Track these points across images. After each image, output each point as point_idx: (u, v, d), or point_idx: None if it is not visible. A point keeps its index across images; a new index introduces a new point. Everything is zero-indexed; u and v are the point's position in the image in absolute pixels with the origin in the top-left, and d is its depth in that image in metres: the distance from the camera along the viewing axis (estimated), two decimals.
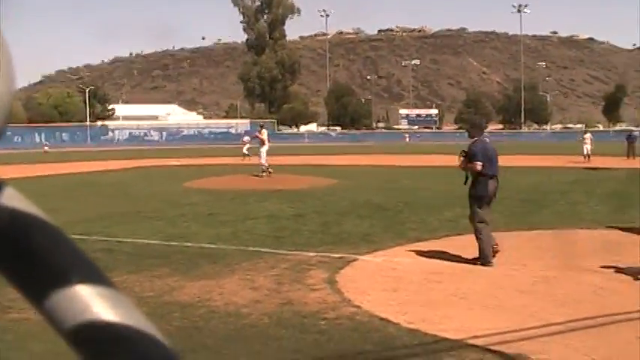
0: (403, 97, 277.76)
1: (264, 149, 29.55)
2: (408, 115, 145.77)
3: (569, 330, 6.82)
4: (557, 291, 8.61)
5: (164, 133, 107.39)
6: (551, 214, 16.28)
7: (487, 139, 11.31)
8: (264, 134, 30.55)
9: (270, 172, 29.00)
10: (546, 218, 15.52)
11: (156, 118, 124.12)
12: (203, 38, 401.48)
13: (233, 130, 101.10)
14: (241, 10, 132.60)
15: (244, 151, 41.35)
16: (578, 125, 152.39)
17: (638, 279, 9.18)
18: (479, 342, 6.43)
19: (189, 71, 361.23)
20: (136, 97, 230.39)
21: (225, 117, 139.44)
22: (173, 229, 14.00)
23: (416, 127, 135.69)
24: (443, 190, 22.78)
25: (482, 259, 10.21)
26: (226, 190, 22.80)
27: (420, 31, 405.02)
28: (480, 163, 10.43)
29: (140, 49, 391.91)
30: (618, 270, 9.76)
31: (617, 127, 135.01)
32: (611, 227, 13.80)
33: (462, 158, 10.74)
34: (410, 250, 11.46)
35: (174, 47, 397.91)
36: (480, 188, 10.57)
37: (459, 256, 10.75)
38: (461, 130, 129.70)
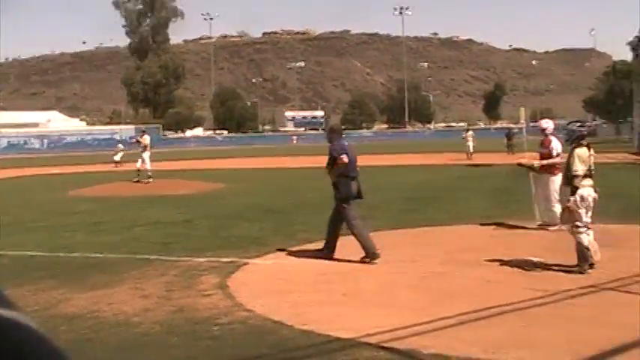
0: (289, 100, 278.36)
1: (147, 155, 29.10)
2: (294, 118, 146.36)
3: (459, 323, 7.00)
4: (445, 285, 8.81)
5: (45, 141, 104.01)
6: (437, 210, 16.67)
7: (346, 143, 11.55)
8: (147, 140, 30.10)
9: (149, 179, 28.63)
10: (433, 215, 15.87)
11: (36, 125, 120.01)
12: (84, 42, 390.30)
13: (117, 137, 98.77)
14: (123, 13, 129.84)
15: (115, 158, 40.86)
16: (461, 123, 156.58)
17: (526, 270, 9.53)
18: (372, 340, 6.51)
19: (70, 76, 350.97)
20: (14, 104, 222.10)
21: (109, 123, 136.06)
22: (58, 240, 13.60)
23: (302, 128, 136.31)
24: (331, 190, 22.96)
25: (368, 254, 10.39)
26: (112, 198, 22.33)
27: (304, 33, 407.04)
28: (345, 156, 10.68)
29: (17, 54, 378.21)
30: (504, 263, 10.09)
31: (498, 125, 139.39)
32: (497, 224, 14.22)
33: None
34: (300, 252, 11.51)
35: (53, 51, 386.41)
36: (343, 189, 10.86)
37: (349, 256, 10.86)
38: (347, 131, 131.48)
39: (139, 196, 22.44)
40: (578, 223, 9.22)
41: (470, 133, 45.64)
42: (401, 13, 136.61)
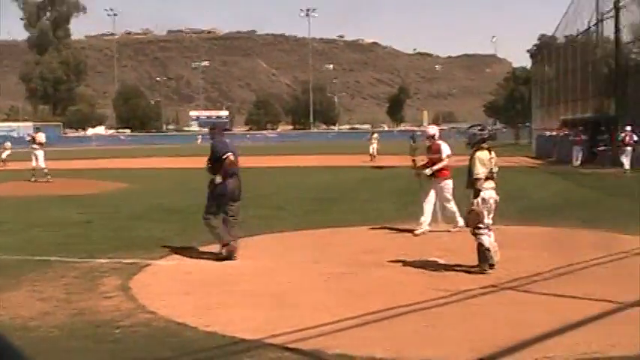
0: (193, 99, 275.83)
1: (41, 153, 28.42)
2: (198, 117, 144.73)
3: (363, 323, 7.07)
4: (349, 286, 8.88)
5: None
6: (342, 212, 16.80)
7: (227, 140, 11.98)
8: (41, 137, 29.44)
9: (47, 177, 28.08)
10: (337, 216, 15.98)
11: None
12: None
13: (15, 134, 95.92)
14: (21, 5, 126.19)
15: (2, 156, 39.91)
16: (365, 125, 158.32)
17: (429, 270, 9.69)
18: (276, 341, 6.51)
19: None
20: None
21: (6, 120, 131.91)
22: None
23: (206, 128, 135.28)
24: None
25: (226, 251, 10.73)
26: (8, 197, 21.66)
27: (209, 32, 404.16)
28: (231, 154, 11.04)
29: None
30: (406, 263, 10.24)
31: (402, 127, 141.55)
32: (399, 225, 14.41)
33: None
34: (204, 253, 11.40)
35: None
36: (219, 187, 11.00)
37: (253, 256, 10.84)
38: (251, 132, 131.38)
39: (38, 196, 21.83)
40: (480, 225, 9.43)
41: (375, 135, 46.38)
42: (307, 14, 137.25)
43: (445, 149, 13.61)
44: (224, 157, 10.95)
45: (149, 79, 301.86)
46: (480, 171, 9.53)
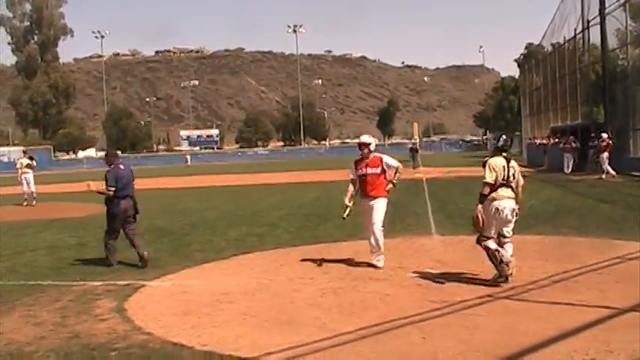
0: (183, 119, 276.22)
1: (30, 176, 28.63)
2: (189, 137, 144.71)
3: (359, 338, 7.04)
4: (345, 301, 8.86)
5: None
6: (335, 226, 16.76)
7: (122, 166, 12.85)
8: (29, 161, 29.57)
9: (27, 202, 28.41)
10: (330, 231, 15.96)
11: None
12: None
13: (5, 159, 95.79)
14: (8, 30, 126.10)
15: None
16: (355, 140, 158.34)
17: (423, 282, 9.66)
18: (274, 358, 6.48)
19: None
20: None
21: None
22: None
23: (197, 147, 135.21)
24: (227, 209, 22.91)
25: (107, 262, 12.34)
26: (0, 223, 21.55)
27: (197, 51, 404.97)
28: (112, 188, 12.32)
29: None
30: (401, 276, 10.23)
31: (394, 140, 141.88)
32: (394, 238, 14.40)
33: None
34: (198, 272, 11.39)
35: None
36: (112, 207, 12.45)
37: (248, 275, 10.82)
38: (242, 149, 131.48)
39: (29, 220, 21.74)
40: (484, 234, 9.34)
41: None
42: (295, 31, 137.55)
43: (391, 160, 11.59)
44: (109, 188, 12.34)
45: (138, 99, 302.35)
46: (487, 176, 9.35)
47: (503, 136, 9.88)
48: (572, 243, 12.34)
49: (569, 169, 35.57)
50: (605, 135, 31.90)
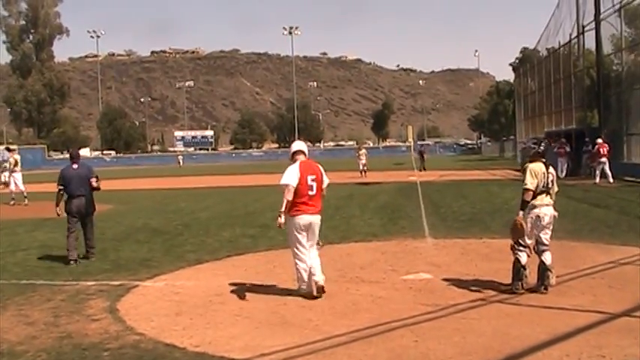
0: (178, 119, 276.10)
1: (19, 175, 28.53)
2: (183, 137, 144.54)
3: (352, 340, 7.03)
4: (338, 303, 8.85)
5: None
6: (328, 228, 16.72)
7: (75, 166, 13.47)
8: (17, 158, 29.45)
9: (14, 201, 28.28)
10: (323, 233, 15.88)
11: None
12: None
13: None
14: (3, 29, 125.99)
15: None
16: (350, 142, 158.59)
17: (417, 285, 9.66)
18: (265, 359, 6.48)
19: None
20: None
21: None
22: None
23: (192, 148, 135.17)
24: (221, 210, 22.89)
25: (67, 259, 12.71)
26: None
27: (193, 52, 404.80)
28: (60, 187, 13.18)
29: None
30: (394, 279, 10.23)
31: (387, 143, 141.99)
32: (387, 241, 14.41)
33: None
34: (191, 273, 11.38)
35: None
36: (67, 206, 13.21)
37: (241, 276, 10.81)
38: (237, 150, 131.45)
39: (22, 219, 21.69)
40: (521, 242, 9.17)
41: (363, 151, 46.75)
42: (290, 32, 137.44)
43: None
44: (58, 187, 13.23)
45: (133, 100, 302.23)
46: (529, 182, 9.14)
47: (544, 141, 9.85)
48: (566, 247, 12.34)
49: (563, 174, 35.60)
50: (600, 140, 31.94)
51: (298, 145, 10.00)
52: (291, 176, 9.31)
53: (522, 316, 7.92)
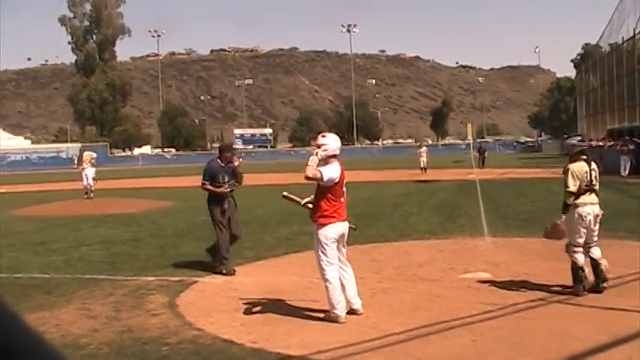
0: (237, 117, 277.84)
1: (91, 171, 29.33)
2: (242, 135, 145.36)
3: (409, 339, 7.02)
4: (395, 301, 8.83)
5: None
6: (386, 226, 16.73)
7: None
8: (93, 155, 30.49)
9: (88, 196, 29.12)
10: (381, 231, 15.91)
11: None
12: (29, 59, 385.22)
13: (64, 155, 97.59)
14: (69, 30, 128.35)
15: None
16: (409, 140, 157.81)
17: (475, 284, 9.59)
18: (323, 357, 6.50)
19: (14, 94, 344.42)
20: None
21: (55, 141, 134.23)
22: (1, 260, 13.29)
23: (251, 146, 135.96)
24: (279, 207, 22.92)
25: None
26: (57, 217, 21.97)
27: (252, 50, 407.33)
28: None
29: None
30: (453, 277, 10.17)
31: (446, 141, 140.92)
32: (446, 239, 14.33)
33: None
34: (249, 270, 11.47)
35: None
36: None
37: (299, 273, 10.85)
38: (295, 148, 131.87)
39: (86, 215, 22.12)
40: (573, 243, 9.07)
41: (424, 149, 46.57)
42: (349, 30, 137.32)
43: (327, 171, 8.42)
44: None
45: (193, 98, 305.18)
46: (571, 184, 9.00)
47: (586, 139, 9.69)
48: (628, 247, 12.11)
49: (626, 172, 34.87)
50: None
51: (338, 145, 8.65)
52: (334, 172, 8.32)
53: (582, 316, 7.81)
